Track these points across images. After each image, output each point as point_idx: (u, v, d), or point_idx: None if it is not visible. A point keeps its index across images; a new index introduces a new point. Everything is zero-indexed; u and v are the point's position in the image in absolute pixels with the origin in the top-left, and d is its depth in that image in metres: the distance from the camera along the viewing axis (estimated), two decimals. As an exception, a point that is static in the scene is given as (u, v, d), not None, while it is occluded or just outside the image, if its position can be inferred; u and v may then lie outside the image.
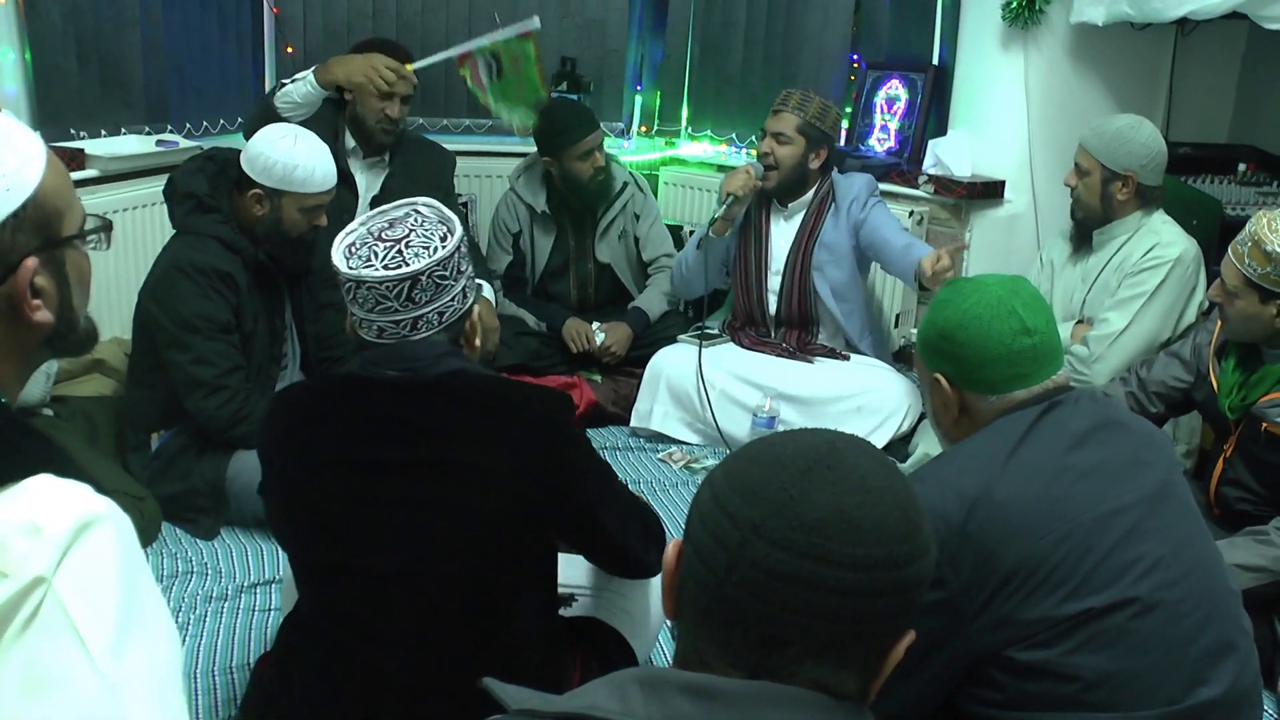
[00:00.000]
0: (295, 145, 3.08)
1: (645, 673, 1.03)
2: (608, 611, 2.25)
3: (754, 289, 4.03)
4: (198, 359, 3.09)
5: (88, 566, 1.04)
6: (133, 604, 1.06)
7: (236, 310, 3.14)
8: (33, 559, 1.01)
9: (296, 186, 3.09)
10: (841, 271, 3.93)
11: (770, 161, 3.86)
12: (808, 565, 0.99)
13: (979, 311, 1.76)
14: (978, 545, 1.60)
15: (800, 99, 3.86)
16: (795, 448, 1.05)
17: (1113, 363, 3.32)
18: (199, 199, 3.15)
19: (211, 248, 3.10)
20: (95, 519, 1.07)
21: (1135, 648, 1.60)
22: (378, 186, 3.96)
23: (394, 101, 3.83)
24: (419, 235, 1.84)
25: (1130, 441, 1.74)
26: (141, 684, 1.05)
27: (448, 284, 1.84)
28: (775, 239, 4.00)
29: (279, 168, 3.07)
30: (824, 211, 3.92)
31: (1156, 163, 3.36)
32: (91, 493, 1.09)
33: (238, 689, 2.50)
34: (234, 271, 3.11)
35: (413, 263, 1.80)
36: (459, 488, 1.79)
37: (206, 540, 3.18)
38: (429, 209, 1.92)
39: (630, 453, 3.92)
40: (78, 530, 1.05)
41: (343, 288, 1.84)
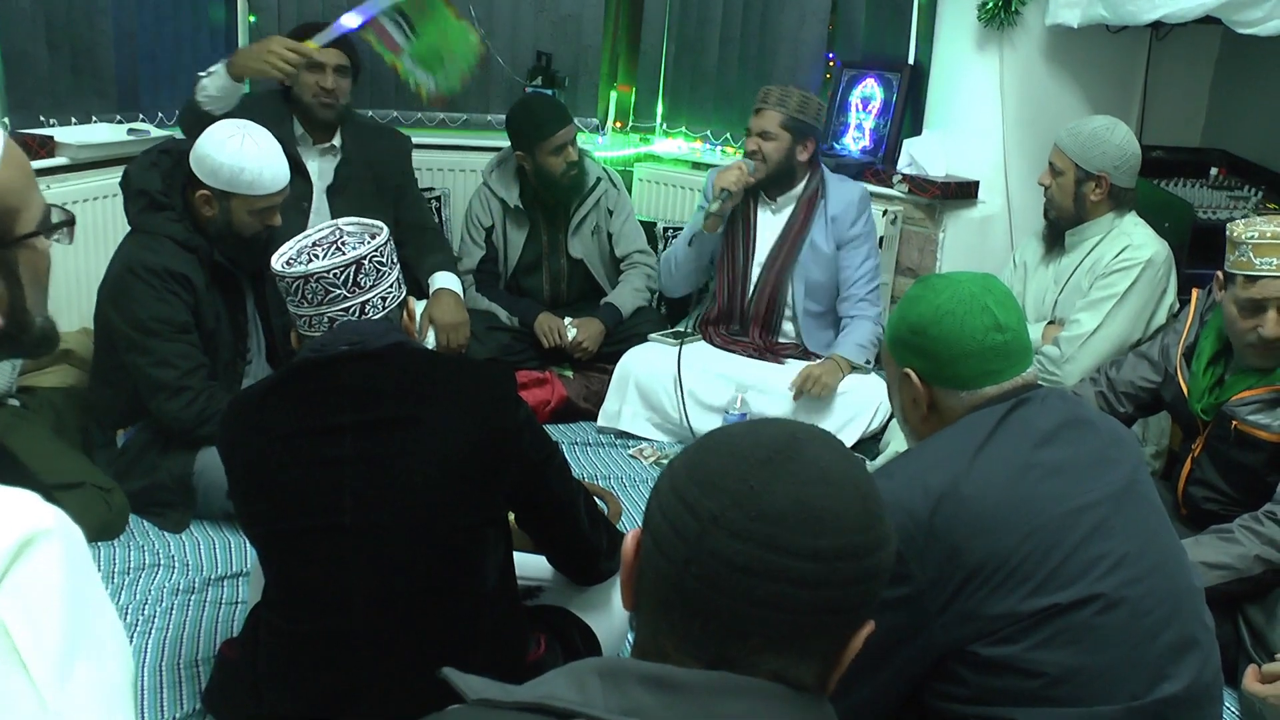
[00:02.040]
0: (242, 146, 2.99)
1: (604, 663, 1.03)
2: (572, 602, 2.28)
3: (738, 281, 4.03)
4: (158, 361, 3.05)
5: (31, 586, 0.98)
6: (80, 623, 1.01)
7: (195, 310, 3.09)
8: None
9: (244, 189, 3.01)
10: (822, 275, 3.95)
11: (759, 159, 3.87)
12: (767, 556, 0.98)
13: (952, 307, 1.76)
14: (944, 541, 1.60)
15: (780, 94, 3.87)
16: (755, 439, 1.05)
17: (1084, 364, 3.34)
18: (151, 196, 3.08)
19: (165, 247, 3.04)
20: (39, 534, 1.00)
21: (1099, 644, 1.60)
22: (331, 175, 3.92)
23: (325, 73, 3.78)
24: (350, 235, 2.01)
25: (1097, 440, 1.74)
26: (89, 709, 0.99)
27: (386, 270, 1.99)
28: (762, 231, 4.01)
29: (225, 170, 2.99)
30: (814, 209, 3.93)
31: (1130, 164, 3.38)
32: (38, 503, 1.03)
33: (203, 681, 2.48)
34: (189, 272, 3.05)
35: (353, 251, 1.95)
36: (410, 443, 1.87)
37: (175, 533, 3.15)
38: (351, 224, 2.07)
39: (601, 448, 3.91)
40: (20, 547, 0.99)
41: (289, 293, 1.97)
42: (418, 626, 1.89)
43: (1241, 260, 2.62)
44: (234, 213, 3.04)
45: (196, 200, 3.05)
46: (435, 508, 1.88)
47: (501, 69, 5.03)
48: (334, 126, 3.92)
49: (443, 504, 1.88)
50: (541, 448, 2.02)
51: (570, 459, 3.72)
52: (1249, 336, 2.65)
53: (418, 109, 5.06)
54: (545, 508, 2.07)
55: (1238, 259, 2.63)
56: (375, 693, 1.88)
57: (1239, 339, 2.69)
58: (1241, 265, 2.62)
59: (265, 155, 3.02)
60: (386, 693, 1.87)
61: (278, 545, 1.97)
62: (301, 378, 1.94)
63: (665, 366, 3.90)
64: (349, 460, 1.88)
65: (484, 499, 1.93)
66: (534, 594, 2.28)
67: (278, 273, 1.97)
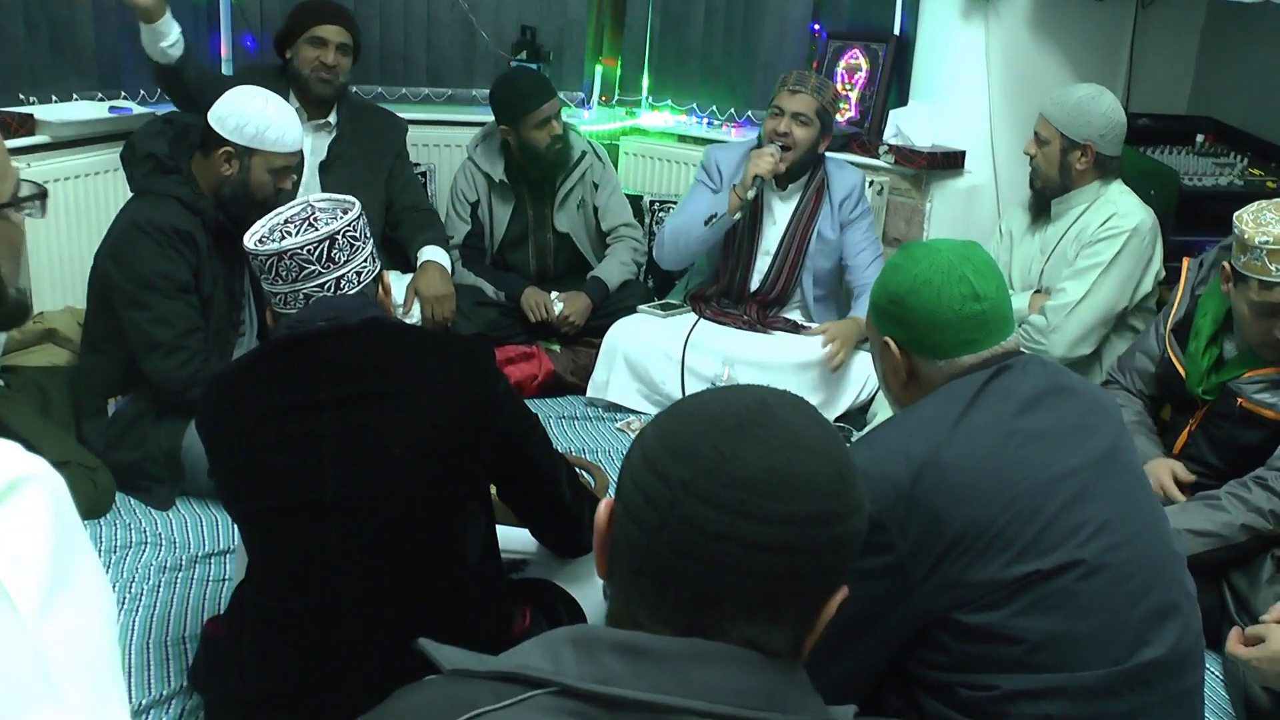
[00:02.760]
0: (267, 106, 3.08)
1: (577, 631, 1.03)
2: (558, 574, 2.28)
3: (740, 265, 4.04)
4: (156, 318, 3.06)
5: (16, 525, 1.01)
6: (64, 566, 1.03)
7: (196, 271, 3.10)
8: None
9: (269, 146, 3.07)
10: (828, 263, 3.98)
11: (788, 142, 3.84)
12: (739, 523, 0.98)
13: (929, 277, 1.75)
14: (926, 509, 1.60)
15: (818, 82, 3.88)
16: (727, 405, 1.04)
17: (1070, 333, 3.34)
18: (159, 160, 3.12)
19: (171, 207, 3.07)
20: (25, 478, 1.03)
21: (1081, 609, 1.60)
22: (324, 151, 3.91)
23: (327, 49, 3.81)
24: (322, 211, 1.99)
25: (1078, 406, 1.74)
26: (71, 647, 1.01)
27: (360, 245, 1.97)
28: (769, 218, 4.01)
29: (251, 126, 3.05)
30: (821, 199, 3.95)
31: (1115, 133, 3.37)
32: (23, 452, 1.05)
33: (189, 659, 2.48)
34: (194, 231, 3.08)
35: (326, 227, 1.94)
36: (389, 416, 1.87)
37: (161, 511, 3.15)
38: (322, 200, 2.05)
39: (588, 422, 3.91)
40: (6, 489, 1.02)
41: (262, 270, 1.96)
42: (401, 601, 1.89)
43: (1255, 264, 2.57)
44: (253, 170, 3.08)
45: (215, 159, 3.09)
46: (415, 482, 1.87)
47: (486, 43, 5.00)
48: (330, 103, 3.92)
49: (423, 478, 1.88)
50: (521, 420, 2.02)
51: (557, 433, 3.75)
52: (1265, 337, 2.64)
53: (402, 84, 5.04)
54: (526, 480, 2.07)
55: (1250, 261, 2.58)
56: (359, 668, 1.88)
57: (1253, 338, 2.68)
58: (1256, 270, 2.57)
59: (287, 116, 3.11)
60: (371, 668, 1.87)
61: (259, 523, 1.97)
62: (279, 355, 1.94)
63: (653, 338, 3.91)
64: (328, 436, 1.87)
65: (464, 472, 1.92)
66: (519, 567, 2.28)
67: (250, 250, 1.96)
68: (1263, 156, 3.89)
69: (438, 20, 5.04)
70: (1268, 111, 4.05)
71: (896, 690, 1.72)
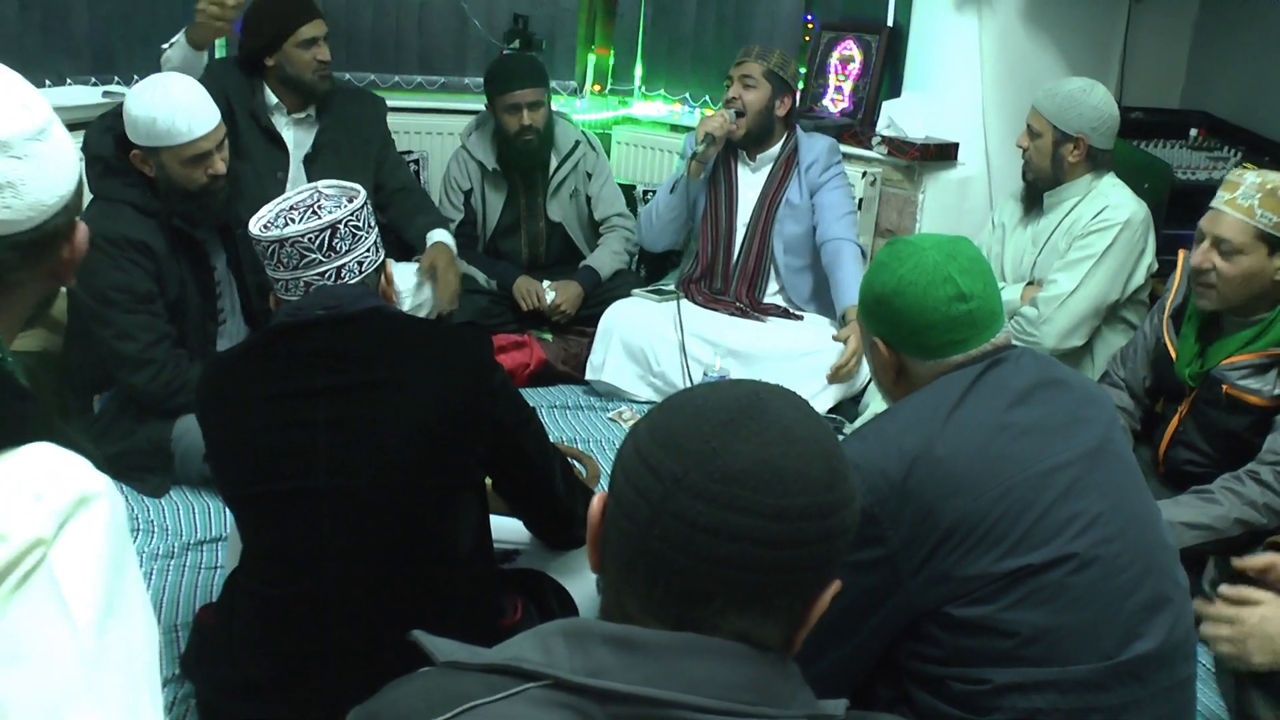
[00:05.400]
0: (154, 96, 2.92)
1: (570, 624, 1.03)
2: (549, 565, 2.28)
3: (721, 241, 4.05)
4: (119, 334, 3.02)
5: (82, 540, 1.06)
6: (118, 586, 1.07)
7: (157, 277, 3.04)
8: (32, 524, 1.03)
9: (163, 140, 2.93)
10: (799, 227, 3.98)
11: (739, 107, 3.89)
12: (730, 517, 0.98)
13: (914, 278, 1.74)
14: (918, 502, 1.61)
15: (761, 50, 3.94)
16: (718, 399, 1.04)
17: (1061, 324, 3.35)
18: (106, 161, 3.02)
19: (124, 214, 2.99)
20: (94, 494, 1.08)
21: (1072, 603, 1.61)
22: (309, 144, 3.86)
23: (321, 46, 3.75)
24: (327, 199, 1.99)
25: (1070, 399, 1.74)
26: (119, 666, 1.06)
27: (362, 234, 1.97)
28: (743, 191, 4.03)
29: (141, 124, 2.93)
30: (790, 168, 3.98)
31: (1108, 126, 3.37)
32: (91, 468, 1.10)
33: (181, 646, 2.48)
34: (147, 238, 3.01)
35: (329, 215, 1.93)
36: (384, 405, 1.88)
37: (154, 498, 3.15)
38: (330, 187, 2.04)
39: (580, 411, 3.91)
40: (78, 503, 1.06)
41: (265, 257, 1.95)
42: (392, 590, 1.89)
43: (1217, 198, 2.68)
44: (167, 166, 2.97)
45: (133, 161, 3.00)
46: (409, 471, 1.88)
47: (478, 31, 5.00)
48: (317, 94, 3.84)
49: (417, 467, 1.88)
50: (517, 412, 2.02)
51: (549, 422, 3.75)
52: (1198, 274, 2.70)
53: (394, 72, 5.03)
54: (520, 472, 2.07)
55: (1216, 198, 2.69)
56: (349, 656, 1.89)
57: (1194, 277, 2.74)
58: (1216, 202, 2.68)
59: (176, 102, 2.93)
60: (361, 656, 1.88)
61: (253, 508, 1.97)
62: (277, 341, 1.94)
63: (648, 321, 3.92)
64: (323, 424, 1.88)
65: (458, 462, 1.93)
66: (511, 557, 2.29)
67: (254, 236, 1.96)
68: (1256, 150, 3.89)
69: (430, 8, 5.04)
70: (1261, 105, 4.06)
71: (887, 682, 1.73)
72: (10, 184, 1.18)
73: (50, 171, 1.22)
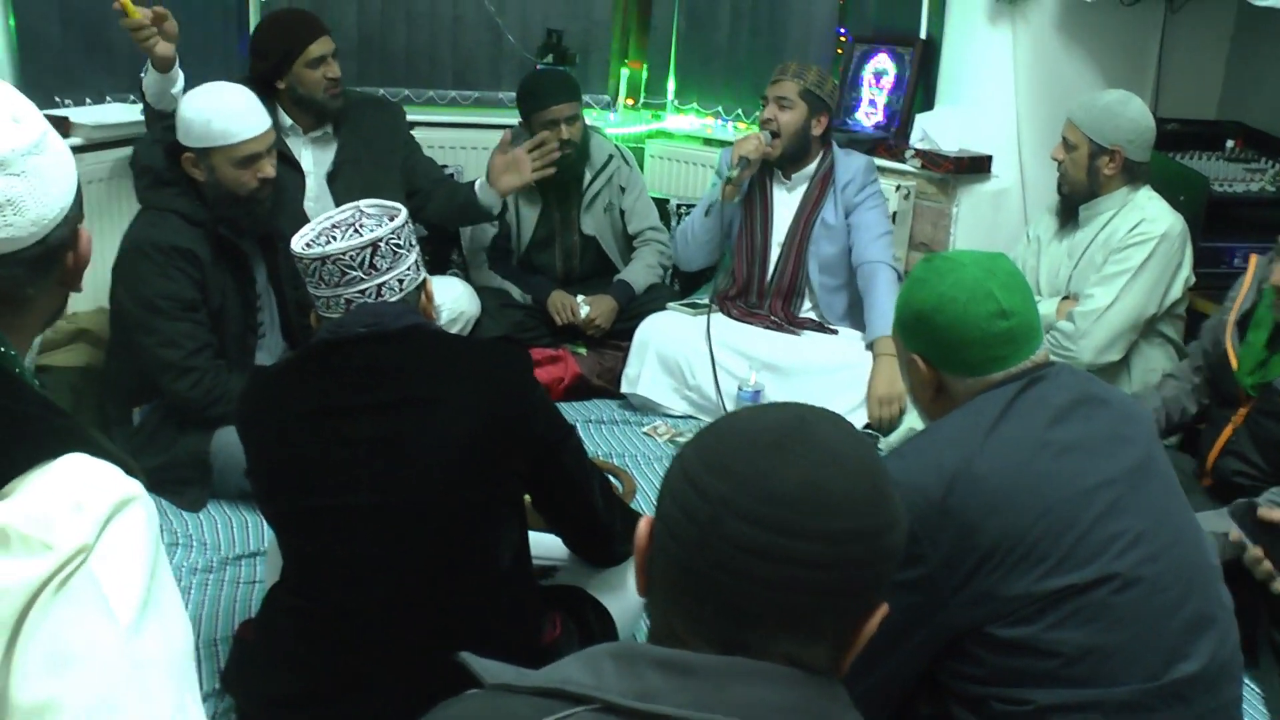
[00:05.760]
0: (208, 100, 3.03)
1: (619, 647, 1.04)
2: (588, 582, 2.28)
3: (756, 259, 4.05)
4: (163, 341, 3.06)
5: (121, 544, 1.09)
6: (155, 585, 1.10)
7: (202, 286, 3.09)
8: (77, 533, 1.05)
9: (217, 140, 3.01)
10: (834, 248, 3.96)
11: (774, 128, 3.87)
12: (778, 539, 0.99)
13: (954, 294, 1.74)
14: (958, 521, 1.60)
15: (798, 67, 3.90)
16: (765, 422, 1.05)
17: (1098, 339, 3.33)
18: (156, 172, 3.09)
19: (171, 223, 3.05)
20: (130, 499, 1.11)
21: (1116, 623, 1.60)
22: (329, 162, 3.86)
23: (330, 63, 3.73)
24: (369, 217, 2.00)
25: (1111, 416, 1.74)
26: (161, 662, 1.09)
27: (403, 252, 1.99)
28: (778, 210, 4.02)
29: (195, 126, 3.01)
30: (826, 187, 3.95)
31: (1144, 138, 3.36)
32: (123, 475, 1.13)
33: (221, 661, 2.50)
34: (195, 246, 3.06)
35: (370, 233, 1.95)
36: (424, 422, 1.89)
37: (193, 512, 3.17)
38: (372, 206, 2.06)
39: (615, 426, 3.92)
40: (116, 508, 1.09)
41: (307, 274, 1.97)
42: (433, 606, 1.90)
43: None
44: (219, 169, 3.04)
45: (184, 164, 3.06)
46: (449, 488, 1.89)
47: (512, 46, 5.02)
48: (330, 112, 3.82)
49: (457, 484, 1.89)
50: (556, 429, 2.03)
51: (584, 437, 3.72)
52: None
53: (428, 87, 5.06)
54: (559, 489, 2.08)
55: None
56: (390, 672, 1.90)
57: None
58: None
59: (229, 104, 3.03)
60: (401, 672, 1.89)
61: (294, 524, 1.99)
62: (318, 358, 1.96)
63: (683, 334, 3.92)
64: (364, 440, 1.89)
65: (498, 480, 1.94)
66: (549, 574, 2.29)
67: (296, 254, 1.98)
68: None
69: (464, 22, 5.06)
70: (1299, 117, 4.03)
71: (929, 701, 1.73)
72: (10, 201, 1.18)
73: (49, 185, 1.22)
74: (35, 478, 1.08)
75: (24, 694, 1.02)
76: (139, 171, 3.14)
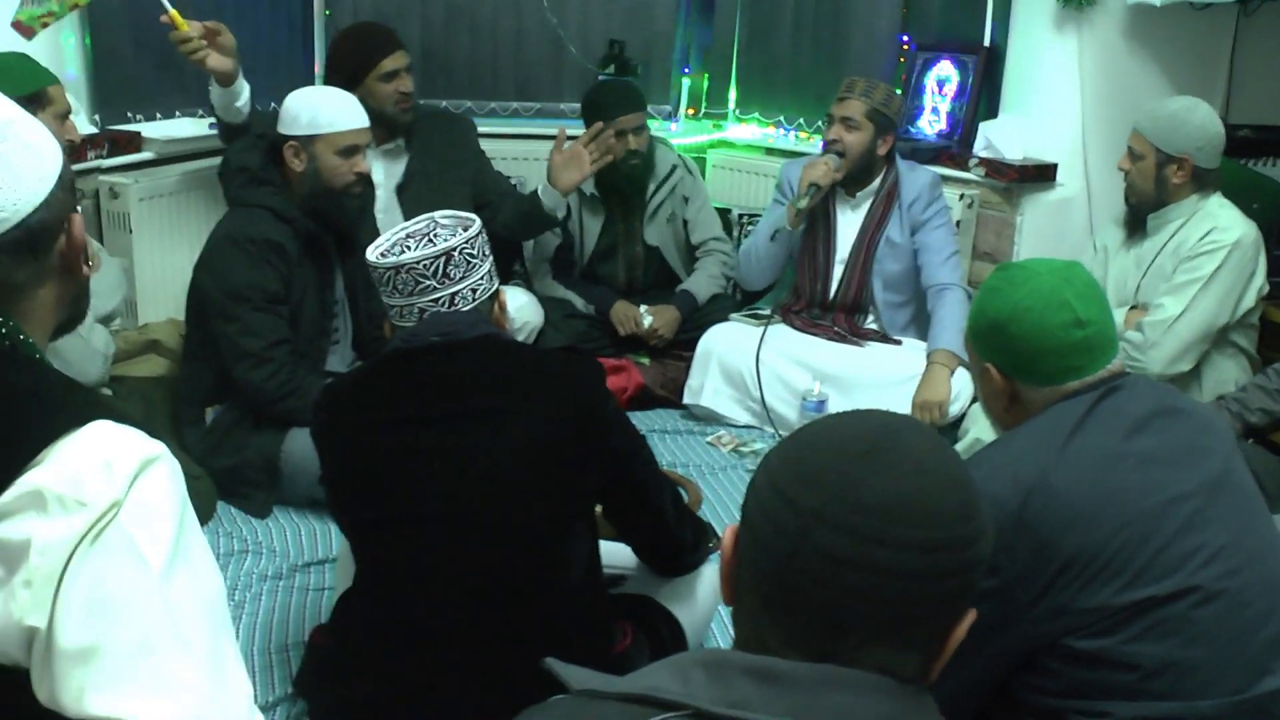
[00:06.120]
0: (315, 93, 3.24)
1: (708, 655, 1.04)
2: (658, 590, 2.29)
3: (819, 276, 4.03)
4: (245, 329, 3.13)
5: (149, 496, 1.14)
6: (183, 537, 1.15)
7: (286, 281, 3.17)
8: (108, 489, 1.11)
9: (323, 128, 3.14)
10: (899, 265, 3.94)
11: (840, 149, 3.84)
12: (870, 549, 0.99)
13: (1030, 303, 1.73)
14: (1034, 533, 1.59)
15: (866, 85, 3.84)
16: (851, 431, 1.05)
17: (1168, 349, 3.28)
18: (252, 172, 3.21)
19: (263, 218, 3.15)
20: (156, 457, 1.16)
21: (1197, 637, 1.58)
22: (399, 174, 3.91)
23: (402, 78, 3.79)
24: (443, 228, 2.03)
25: (1189, 428, 1.72)
26: (194, 609, 1.14)
27: (477, 262, 2.00)
28: (841, 228, 3.99)
29: (304, 115, 3.14)
30: (890, 205, 3.93)
31: (1213, 145, 3.31)
32: (147, 436, 1.18)
33: (293, 666, 2.52)
34: (285, 241, 3.15)
35: (444, 243, 1.97)
36: (497, 433, 1.90)
37: (260, 519, 3.21)
38: (447, 217, 2.08)
39: (679, 435, 3.92)
40: (143, 464, 1.15)
41: (380, 283, 2.00)
42: (506, 616, 1.91)
43: None
44: (320, 157, 3.15)
45: (285, 154, 3.17)
46: (522, 499, 1.90)
47: (574, 57, 5.04)
48: (399, 126, 3.88)
49: (530, 495, 1.90)
50: (629, 440, 2.04)
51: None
52: None
53: (490, 98, 5.10)
54: (632, 500, 2.08)
55: None
56: (464, 680, 1.91)
57: None
58: None
59: (335, 96, 3.23)
60: (475, 680, 1.90)
61: (368, 532, 2.01)
62: (393, 368, 1.98)
63: (747, 345, 3.90)
64: (438, 450, 1.91)
65: (571, 491, 1.95)
66: (618, 582, 2.29)
67: (371, 263, 2.00)
68: (1368, 167, 3.80)
69: (526, 34, 5.08)
70: (1373, 121, 3.96)
71: (1005, 715, 1.71)
72: None
73: (19, 171, 1.21)
74: (65, 444, 1.13)
75: (67, 640, 1.08)
76: (232, 172, 3.27)
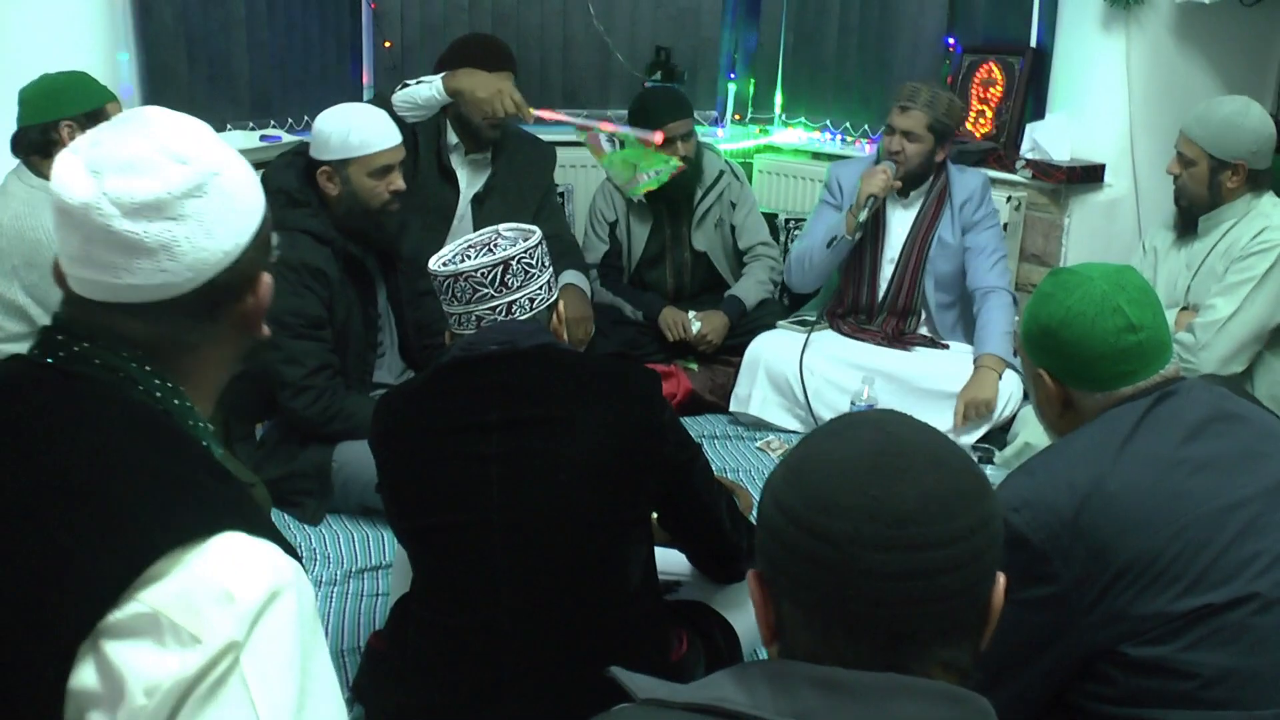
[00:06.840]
0: (345, 114, 3.16)
1: (772, 665, 1.05)
2: (712, 597, 2.30)
3: (865, 276, 4.03)
4: (287, 358, 3.13)
5: (273, 640, 1.04)
6: (308, 682, 1.06)
7: (329, 304, 3.17)
8: (226, 627, 1.02)
9: (355, 151, 3.12)
10: (950, 265, 3.94)
11: (901, 159, 3.83)
12: (915, 556, 1.00)
13: (1082, 309, 1.73)
14: (1090, 539, 1.59)
15: (929, 96, 3.81)
16: (851, 446, 1.06)
17: (1220, 350, 3.25)
18: (289, 194, 3.19)
19: (302, 242, 3.14)
20: (284, 587, 1.06)
21: (1257, 645, 1.56)
22: (480, 184, 3.95)
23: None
24: (504, 238, 2.05)
25: (1247, 433, 1.70)
26: None
27: (535, 272, 2.01)
28: (892, 228, 3.99)
29: (334, 138, 3.12)
30: (942, 204, 3.92)
31: (1267, 147, 3.27)
32: (280, 555, 1.09)
33: (349, 672, 2.55)
34: (324, 265, 3.15)
35: (503, 252, 1.98)
36: (556, 440, 1.91)
37: (313, 526, 3.24)
38: (509, 229, 2.11)
39: (728, 441, 3.93)
40: (269, 597, 1.05)
41: (440, 291, 2.01)
42: (563, 623, 1.93)
43: None
44: (354, 180, 3.14)
45: (320, 179, 3.16)
46: (580, 507, 1.91)
47: (621, 64, 5.07)
48: (483, 140, 3.90)
49: (587, 503, 1.91)
50: (685, 449, 2.04)
51: (699, 453, 3.77)
52: None
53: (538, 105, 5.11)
54: (688, 508, 2.09)
55: None
56: (522, 686, 1.92)
57: None
58: None
59: (366, 117, 3.17)
60: (533, 687, 1.91)
61: (425, 539, 2.02)
62: (452, 376, 2.00)
63: (793, 352, 3.91)
64: (496, 458, 1.92)
65: (628, 499, 1.96)
66: (672, 589, 2.30)
67: (432, 271, 2.02)
68: None
69: (574, 41, 5.12)
70: None
71: (1062, 722, 1.71)
72: (164, 246, 1.13)
73: (213, 228, 1.16)
74: (190, 558, 1.04)
75: None
76: (270, 194, 3.20)
